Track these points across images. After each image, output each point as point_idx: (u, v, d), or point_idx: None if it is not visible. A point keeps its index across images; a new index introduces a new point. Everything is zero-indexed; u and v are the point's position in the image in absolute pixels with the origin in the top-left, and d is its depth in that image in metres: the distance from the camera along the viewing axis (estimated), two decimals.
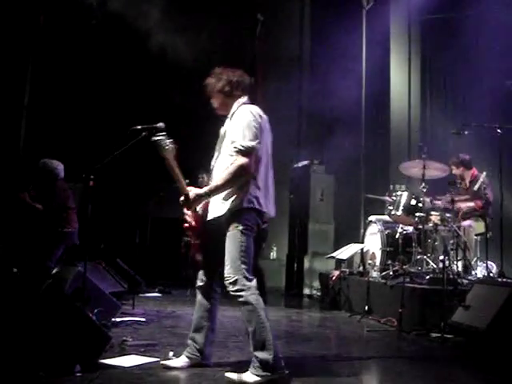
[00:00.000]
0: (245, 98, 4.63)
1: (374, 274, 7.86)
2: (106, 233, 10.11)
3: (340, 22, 11.13)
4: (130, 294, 7.69)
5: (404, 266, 7.29)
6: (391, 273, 7.41)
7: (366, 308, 7.29)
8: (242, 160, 4.15)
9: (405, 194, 7.74)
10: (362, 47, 10.72)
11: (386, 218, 8.14)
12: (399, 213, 7.70)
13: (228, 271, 4.17)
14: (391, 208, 7.81)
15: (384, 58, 10.92)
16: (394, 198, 7.82)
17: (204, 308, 4.61)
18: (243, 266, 4.16)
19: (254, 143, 4.19)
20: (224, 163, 4.34)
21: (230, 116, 4.58)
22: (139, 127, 5.41)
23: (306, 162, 10.62)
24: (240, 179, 4.17)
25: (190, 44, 10.61)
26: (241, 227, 4.16)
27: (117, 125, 7.51)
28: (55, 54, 11.25)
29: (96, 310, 5.60)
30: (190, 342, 4.53)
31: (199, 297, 4.61)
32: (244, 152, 4.17)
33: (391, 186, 8.21)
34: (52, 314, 4.05)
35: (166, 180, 9.91)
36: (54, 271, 6.41)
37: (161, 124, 5.52)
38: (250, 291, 4.22)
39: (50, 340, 4.00)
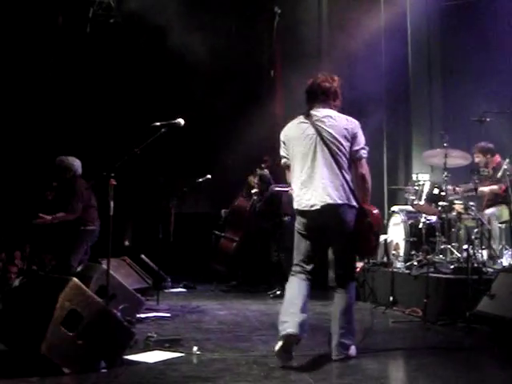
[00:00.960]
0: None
1: (398, 264, 7.81)
2: (130, 229, 10.17)
3: (358, 13, 11.06)
4: (154, 289, 7.74)
5: (428, 256, 7.24)
6: (415, 263, 7.36)
7: (391, 299, 7.26)
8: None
9: (427, 184, 7.67)
10: (381, 37, 10.63)
11: (409, 207, 8.08)
12: (422, 202, 7.63)
13: None
14: (414, 198, 7.74)
15: (403, 47, 10.82)
16: (417, 188, 7.75)
17: None
18: None
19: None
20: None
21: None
22: (158, 124, 5.45)
23: None
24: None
25: (207, 38, 10.62)
26: None
27: (136, 121, 7.56)
28: (74, 52, 11.33)
29: (121, 307, 5.65)
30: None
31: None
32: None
33: (413, 176, 8.15)
34: (76, 311, 4.08)
35: (187, 175, 10.03)
36: (79, 269, 6.46)
37: (180, 120, 5.56)
38: None
39: (76, 337, 4.04)
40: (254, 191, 9.22)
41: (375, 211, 4.69)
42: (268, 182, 9.09)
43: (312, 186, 4.52)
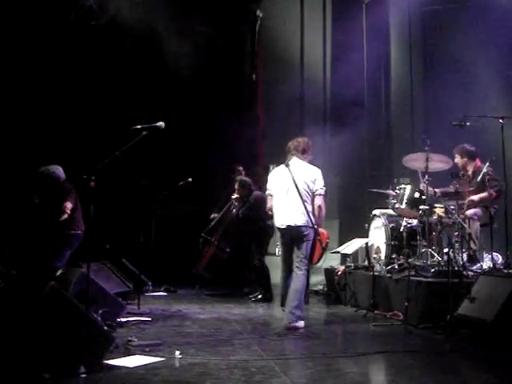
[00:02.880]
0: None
1: (379, 268, 7.81)
2: (111, 233, 10.10)
3: (340, 17, 11.12)
4: (135, 293, 7.69)
5: (409, 260, 7.26)
6: (396, 266, 7.37)
7: (372, 302, 7.27)
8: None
9: (408, 187, 7.70)
10: (363, 42, 10.67)
11: (390, 211, 8.10)
12: (403, 206, 7.65)
13: None
14: (395, 201, 7.77)
15: (385, 51, 10.89)
16: (398, 192, 7.78)
17: None
18: None
19: None
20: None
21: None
22: (139, 126, 5.42)
23: (310, 157, 10.54)
24: None
25: (189, 42, 10.60)
26: None
27: (117, 124, 7.51)
28: (55, 55, 11.26)
29: (101, 311, 5.61)
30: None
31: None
32: None
33: (395, 180, 8.18)
34: (56, 315, 4.04)
35: (168, 178, 9.97)
36: (58, 273, 6.40)
37: (161, 123, 5.54)
38: None
39: (54, 341, 4.00)
40: (234, 197, 9.19)
41: (324, 232, 6.68)
42: (249, 187, 9.08)
43: (285, 211, 6.51)
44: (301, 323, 6.20)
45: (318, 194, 6.54)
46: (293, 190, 6.48)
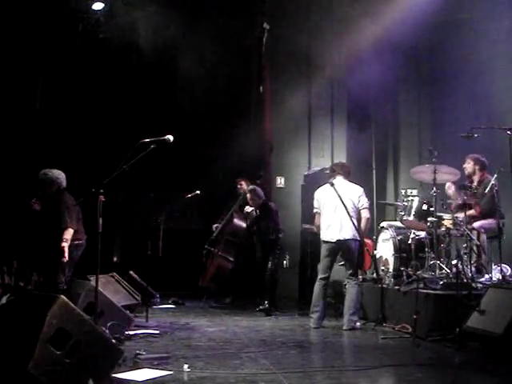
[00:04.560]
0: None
1: (388, 280, 7.80)
2: (118, 245, 10.12)
3: (347, 28, 11.13)
4: (143, 306, 7.68)
5: (417, 272, 7.24)
6: (404, 279, 7.35)
7: (380, 315, 7.25)
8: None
9: (416, 199, 7.70)
10: (370, 53, 10.68)
11: (398, 223, 8.09)
12: (411, 218, 7.65)
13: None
14: (403, 213, 7.76)
15: (392, 63, 10.86)
16: (406, 204, 7.77)
17: None
18: None
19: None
20: None
21: None
22: (148, 140, 5.44)
23: (317, 169, 10.55)
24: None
25: (196, 54, 10.65)
26: None
27: (125, 138, 7.54)
28: (64, 67, 11.33)
29: (109, 324, 5.61)
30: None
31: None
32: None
33: (402, 191, 8.17)
34: (64, 329, 4.04)
35: (175, 191, 9.99)
36: (66, 286, 6.41)
37: (169, 137, 5.56)
38: None
39: (64, 355, 4.00)
40: (250, 209, 9.15)
41: (369, 241, 7.97)
42: (261, 196, 9.06)
43: (335, 227, 7.21)
44: (358, 324, 7.14)
45: (364, 207, 7.32)
46: (340, 207, 7.17)
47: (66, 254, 6.89)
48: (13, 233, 10.03)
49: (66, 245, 6.90)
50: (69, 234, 6.97)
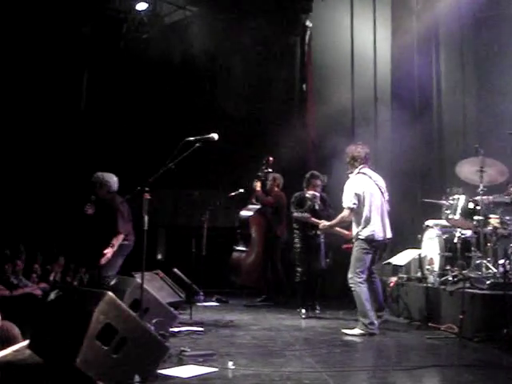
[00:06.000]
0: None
1: (433, 279, 7.69)
2: (163, 243, 10.22)
3: (391, 25, 11.05)
4: (187, 303, 7.74)
5: (463, 271, 7.12)
6: (450, 278, 7.23)
7: (425, 314, 7.17)
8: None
9: (462, 198, 7.57)
10: (413, 49, 10.58)
11: (444, 222, 7.97)
12: (457, 217, 7.53)
13: None
14: (448, 212, 7.65)
15: (436, 59, 10.74)
16: (451, 202, 7.66)
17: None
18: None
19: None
20: None
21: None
22: (193, 138, 5.47)
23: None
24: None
25: (238, 53, 10.68)
26: None
27: (170, 136, 7.60)
28: (108, 68, 11.50)
29: (154, 321, 5.67)
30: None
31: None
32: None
33: (447, 190, 8.05)
34: (111, 325, 4.10)
35: (219, 189, 10.03)
36: (112, 283, 6.49)
37: (214, 135, 5.59)
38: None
39: (111, 351, 4.06)
40: (311, 193, 8.20)
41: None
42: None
43: (385, 224, 6.86)
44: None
45: (387, 200, 7.01)
46: (384, 201, 6.90)
47: (105, 258, 7.06)
48: (62, 232, 10.25)
49: (110, 250, 7.07)
50: (117, 240, 7.13)
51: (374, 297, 6.93)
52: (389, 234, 6.89)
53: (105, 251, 7.04)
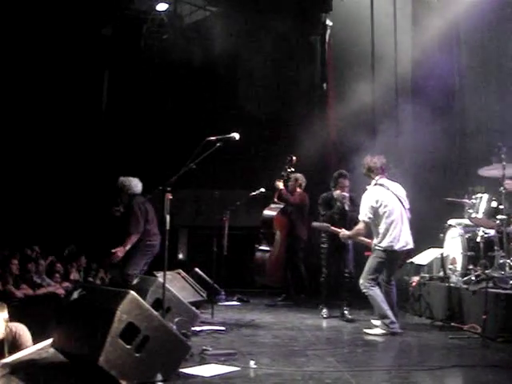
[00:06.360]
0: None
1: (455, 279, 7.64)
2: (184, 243, 10.27)
3: (410, 22, 10.99)
4: (208, 302, 7.76)
5: (486, 271, 7.06)
6: (473, 278, 7.18)
7: (448, 314, 7.12)
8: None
9: (485, 197, 7.51)
10: (435, 46, 10.49)
11: (466, 221, 7.91)
12: (480, 216, 7.47)
13: None
14: (471, 211, 7.59)
15: (457, 56, 10.65)
16: (474, 201, 7.60)
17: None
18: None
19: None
20: None
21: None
22: (214, 138, 5.48)
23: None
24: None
25: (259, 52, 10.68)
26: None
27: (192, 136, 7.63)
28: (129, 68, 11.58)
29: (176, 320, 5.69)
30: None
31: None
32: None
33: (470, 189, 7.98)
34: (133, 324, 4.12)
35: (242, 189, 10.05)
36: (134, 282, 6.53)
37: (235, 134, 5.59)
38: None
39: (133, 349, 4.08)
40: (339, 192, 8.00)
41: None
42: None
43: (407, 234, 6.82)
44: None
45: (408, 208, 6.97)
46: (404, 212, 6.83)
47: (115, 257, 7.32)
48: (84, 232, 10.35)
49: (120, 249, 7.32)
50: (129, 240, 7.37)
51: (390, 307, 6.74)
52: (410, 244, 6.82)
53: (114, 250, 7.29)
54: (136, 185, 7.70)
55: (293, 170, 9.40)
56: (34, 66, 11.05)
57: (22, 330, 5.28)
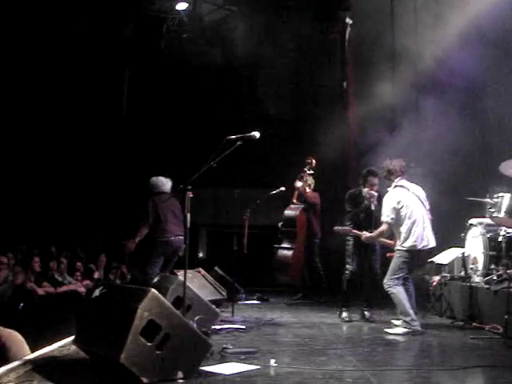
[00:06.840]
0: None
1: (477, 278, 7.58)
2: (204, 242, 10.30)
3: (431, 19, 10.90)
4: (229, 301, 7.78)
5: (508, 271, 7.00)
6: (495, 277, 7.13)
7: (469, 314, 7.07)
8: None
9: (507, 196, 7.44)
10: (458, 43, 10.42)
11: (488, 220, 7.85)
12: (502, 215, 7.39)
13: None
14: (493, 210, 7.52)
15: (479, 51, 10.54)
16: (496, 200, 7.53)
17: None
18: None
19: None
20: None
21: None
22: (234, 137, 5.49)
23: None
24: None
25: (278, 50, 10.68)
26: None
27: (212, 135, 7.66)
28: (149, 67, 11.63)
29: (196, 318, 5.71)
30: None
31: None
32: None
33: (491, 188, 7.91)
34: (154, 322, 4.14)
35: (261, 187, 10.06)
36: (155, 280, 6.56)
37: (255, 133, 5.59)
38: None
39: (155, 347, 4.10)
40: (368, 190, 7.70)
41: None
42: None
43: (430, 233, 6.87)
44: None
45: (429, 209, 7.01)
46: (424, 212, 6.89)
47: (127, 248, 7.69)
48: (105, 230, 10.42)
49: (132, 241, 7.66)
50: (139, 233, 7.64)
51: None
52: (432, 243, 6.86)
53: (124, 241, 7.73)
54: (163, 183, 7.95)
55: (312, 172, 9.45)
56: (55, 67, 11.14)
57: (12, 342, 4.68)
